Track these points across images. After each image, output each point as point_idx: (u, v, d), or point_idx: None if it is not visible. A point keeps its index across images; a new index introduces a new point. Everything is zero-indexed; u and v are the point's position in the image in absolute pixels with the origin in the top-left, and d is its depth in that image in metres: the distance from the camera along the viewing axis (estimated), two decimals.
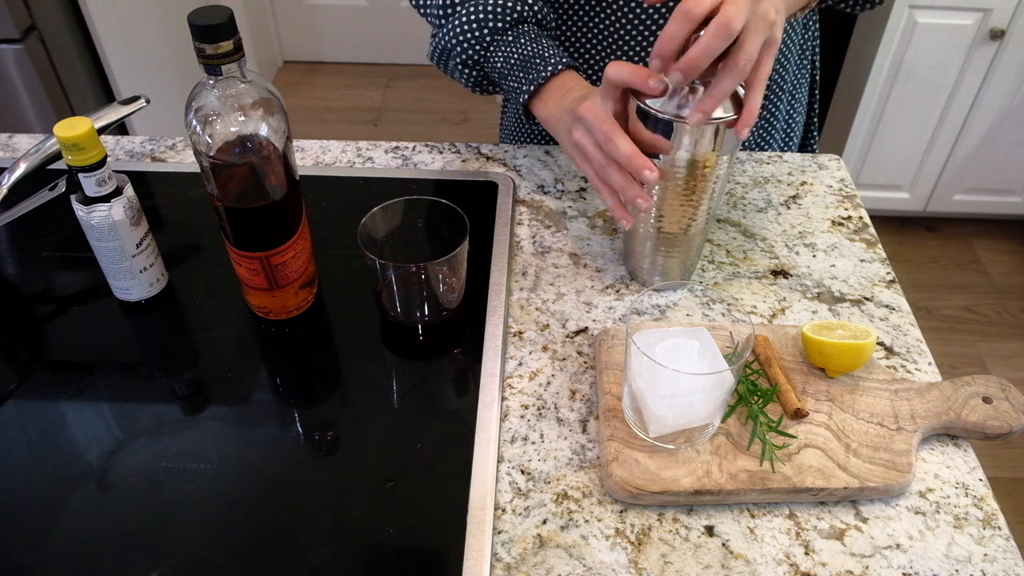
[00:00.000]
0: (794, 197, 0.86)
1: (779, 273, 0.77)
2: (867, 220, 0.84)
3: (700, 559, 0.55)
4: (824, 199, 0.86)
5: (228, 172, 0.61)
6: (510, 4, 0.78)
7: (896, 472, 0.59)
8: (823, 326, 0.66)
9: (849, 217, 0.84)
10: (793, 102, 0.97)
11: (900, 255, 2.24)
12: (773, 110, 0.94)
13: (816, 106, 1.02)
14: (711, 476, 0.58)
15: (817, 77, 0.99)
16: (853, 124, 2.02)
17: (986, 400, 0.63)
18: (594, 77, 0.92)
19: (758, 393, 0.63)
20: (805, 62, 0.97)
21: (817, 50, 0.97)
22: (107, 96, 1.79)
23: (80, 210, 0.65)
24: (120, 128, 1.74)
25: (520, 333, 0.71)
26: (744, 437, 0.61)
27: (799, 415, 0.62)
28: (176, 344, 0.70)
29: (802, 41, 0.93)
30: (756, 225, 0.83)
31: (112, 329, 0.71)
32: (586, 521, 0.57)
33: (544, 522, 0.57)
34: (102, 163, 0.63)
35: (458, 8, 0.80)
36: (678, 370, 0.55)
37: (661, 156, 0.64)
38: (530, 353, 0.69)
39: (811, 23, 0.94)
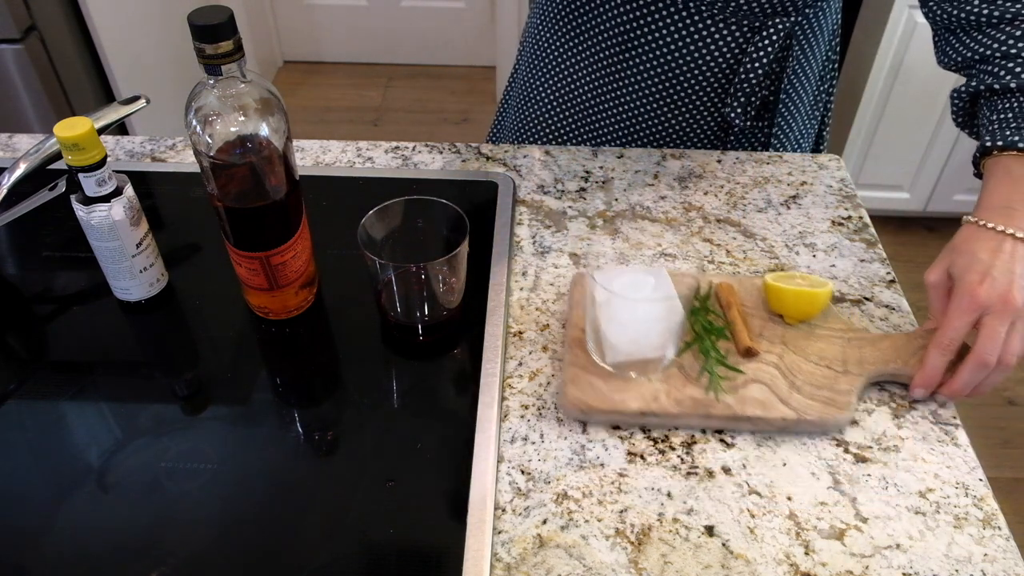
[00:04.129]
0: (794, 197, 0.86)
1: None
2: (867, 220, 0.84)
3: (700, 559, 0.55)
4: (824, 199, 0.86)
5: (228, 172, 0.61)
6: None
7: (834, 408, 0.62)
8: (784, 276, 0.70)
9: (849, 217, 0.84)
10: (809, 117, 0.97)
11: (900, 255, 2.24)
12: (791, 119, 0.94)
13: (830, 115, 1.02)
14: (659, 400, 0.63)
15: (834, 87, 0.99)
16: (853, 124, 2.02)
17: None
18: (612, 80, 0.92)
19: (711, 331, 0.67)
20: (823, 87, 0.97)
21: (836, 60, 0.97)
22: (107, 96, 1.79)
23: (80, 210, 0.65)
24: (120, 128, 1.74)
25: (520, 333, 0.71)
26: (697, 371, 0.65)
27: (749, 353, 0.65)
28: (176, 344, 0.70)
29: (825, 55, 0.93)
30: (756, 225, 0.83)
31: (112, 329, 0.71)
32: (586, 521, 0.57)
33: (544, 522, 0.57)
34: (102, 163, 0.63)
35: None
36: (625, 296, 0.60)
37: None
38: (530, 353, 0.69)
39: (835, 36, 0.94)
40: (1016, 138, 0.65)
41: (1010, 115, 0.66)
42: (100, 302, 0.73)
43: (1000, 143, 0.65)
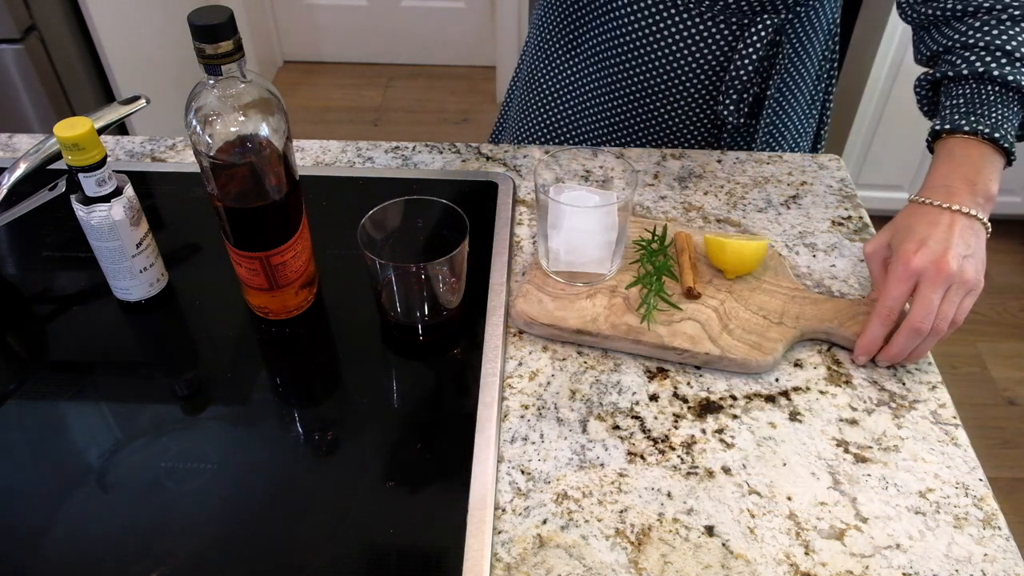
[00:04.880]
0: (794, 197, 0.86)
1: None
2: (867, 220, 0.84)
3: (700, 559, 0.55)
4: (824, 199, 0.86)
5: (228, 172, 0.61)
6: None
7: (758, 352, 0.65)
8: (722, 235, 0.73)
9: (849, 217, 0.84)
10: (806, 115, 0.97)
11: None
12: (785, 122, 0.94)
13: (828, 114, 1.02)
14: (596, 323, 0.67)
15: (833, 87, 0.99)
16: (853, 124, 2.02)
17: None
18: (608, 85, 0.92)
19: (660, 268, 0.71)
20: (820, 86, 0.97)
21: (836, 60, 0.97)
22: (107, 96, 1.79)
23: (80, 210, 0.65)
24: (120, 128, 1.74)
25: (520, 333, 0.71)
26: (640, 303, 0.69)
27: (691, 294, 0.70)
28: (176, 344, 0.70)
29: (822, 54, 0.93)
30: (756, 225, 0.83)
31: (112, 329, 0.71)
32: (586, 521, 0.57)
33: (544, 522, 0.57)
34: (102, 163, 0.63)
35: None
36: (558, 201, 0.67)
37: None
38: (530, 353, 0.69)
39: (832, 36, 0.94)
40: (963, 122, 0.68)
41: (961, 101, 0.69)
42: (100, 302, 0.73)
43: (948, 126, 0.69)
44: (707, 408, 0.65)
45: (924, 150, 2.06)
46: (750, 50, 0.83)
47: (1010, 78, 0.67)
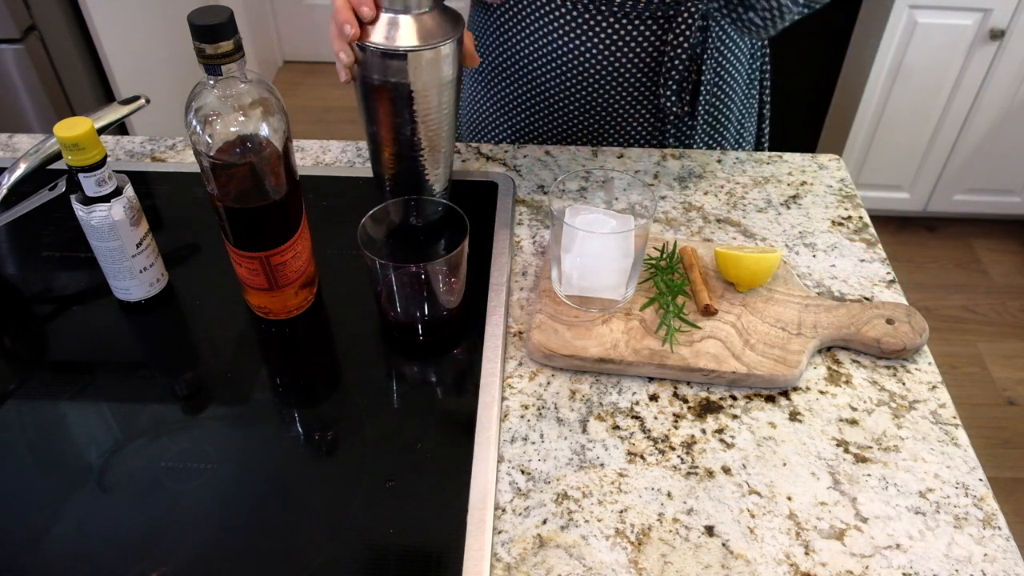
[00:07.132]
0: (794, 197, 0.86)
1: None
2: (867, 220, 0.84)
3: (700, 559, 0.55)
4: (824, 199, 0.86)
5: (228, 172, 0.61)
6: None
7: (784, 366, 0.65)
8: (734, 247, 0.73)
9: (849, 217, 0.84)
10: (745, 106, 0.99)
11: (900, 255, 2.24)
12: (725, 112, 0.95)
13: (767, 108, 1.03)
14: (617, 349, 0.66)
15: (767, 81, 1.00)
16: (853, 124, 2.02)
17: (889, 321, 0.69)
18: (528, 73, 0.93)
19: (673, 288, 0.70)
20: (755, 65, 0.98)
21: (767, 55, 0.98)
22: (107, 96, 1.79)
23: (80, 210, 0.65)
24: (120, 128, 1.74)
25: (520, 333, 0.71)
26: (658, 325, 0.68)
27: (708, 311, 0.69)
28: (176, 344, 0.70)
29: (751, 47, 0.94)
30: (756, 225, 0.83)
31: (112, 329, 0.71)
32: (586, 521, 0.57)
33: (544, 522, 0.57)
34: (102, 163, 0.63)
35: None
36: (574, 226, 0.66)
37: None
38: (530, 353, 0.69)
39: None
40: None
41: None
42: (100, 302, 0.73)
43: None
44: (707, 408, 0.65)
45: (924, 150, 2.07)
46: (680, 39, 0.84)
47: None
